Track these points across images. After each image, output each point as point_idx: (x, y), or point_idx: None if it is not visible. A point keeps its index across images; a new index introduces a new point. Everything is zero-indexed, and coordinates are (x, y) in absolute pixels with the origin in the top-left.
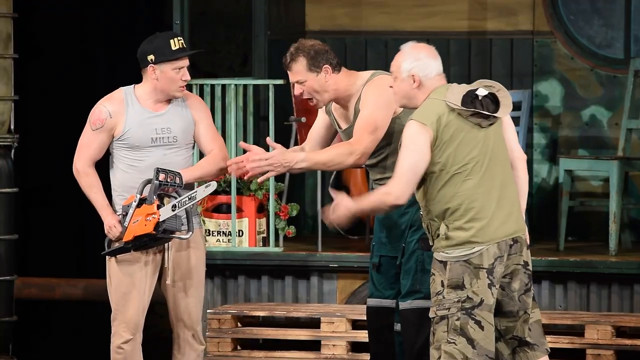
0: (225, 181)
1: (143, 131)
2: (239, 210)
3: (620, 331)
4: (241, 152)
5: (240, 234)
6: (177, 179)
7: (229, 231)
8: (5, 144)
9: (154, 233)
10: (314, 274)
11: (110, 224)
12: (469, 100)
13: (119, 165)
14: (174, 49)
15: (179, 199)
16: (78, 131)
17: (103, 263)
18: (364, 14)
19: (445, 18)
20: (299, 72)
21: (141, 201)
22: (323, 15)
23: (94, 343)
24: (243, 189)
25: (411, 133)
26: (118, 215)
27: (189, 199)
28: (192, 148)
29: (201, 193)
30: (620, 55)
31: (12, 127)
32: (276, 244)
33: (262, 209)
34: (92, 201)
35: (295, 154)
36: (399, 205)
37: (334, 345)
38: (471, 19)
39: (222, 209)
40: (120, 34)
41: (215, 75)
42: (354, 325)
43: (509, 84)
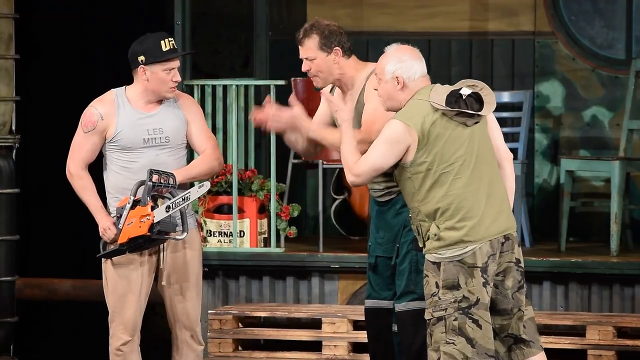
0: (226, 182)
1: (135, 132)
2: (240, 210)
3: (621, 332)
4: (243, 153)
5: (242, 235)
6: (171, 179)
7: (230, 232)
8: (6, 144)
9: (149, 234)
10: (315, 274)
11: (105, 226)
12: (453, 99)
13: (112, 167)
14: (165, 49)
15: (173, 199)
16: None
17: (101, 264)
18: (365, 14)
19: (447, 19)
20: (310, 49)
21: (135, 203)
22: (324, 15)
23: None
24: (244, 190)
25: (392, 131)
26: (112, 217)
27: (183, 199)
28: (186, 148)
29: (195, 193)
30: (621, 56)
31: (14, 128)
32: (277, 245)
33: (264, 210)
34: (86, 204)
35: (308, 124)
36: (350, 181)
37: (335, 345)
38: (472, 20)
39: (224, 209)
40: (121, 34)
41: (216, 75)
42: (355, 325)
43: (510, 84)
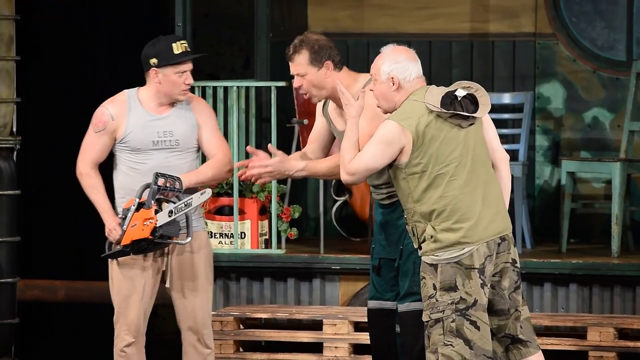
0: (227, 183)
1: (144, 134)
2: (241, 212)
3: (622, 333)
4: (244, 154)
5: (243, 236)
6: (177, 183)
7: (231, 233)
8: (7, 146)
9: (151, 238)
10: (316, 276)
11: (110, 227)
12: (448, 101)
13: (121, 168)
14: (177, 52)
15: (175, 204)
16: (80, 133)
17: (105, 265)
18: (366, 16)
19: (448, 20)
20: (300, 65)
21: (140, 205)
22: (325, 17)
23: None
24: (245, 191)
25: (387, 131)
26: (119, 217)
27: (185, 205)
28: (197, 152)
29: (196, 200)
30: (622, 58)
31: (15, 129)
32: (278, 246)
33: (265, 211)
34: (94, 203)
35: (295, 163)
36: (343, 178)
37: (336, 347)
38: (473, 21)
39: (225, 211)
40: (122, 36)
41: (217, 77)
42: (356, 327)
43: (511, 86)
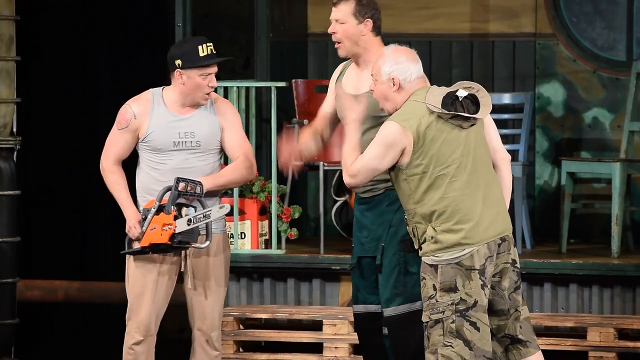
0: None
1: (166, 134)
2: (241, 212)
3: (622, 333)
4: None
5: (243, 237)
6: (198, 188)
7: (231, 233)
8: (7, 146)
9: (169, 243)
10: (316, 276)
11: (131, 224)
12: (449, 101)
13: (143, 167)
14: (202, 55)
15: (194, 214)
16: (80, 133)
17: (105, 265)
18: None
19: (448, 20)
20: (343, 12)
21: (160, 208)
22: (325, 17)
23: (96, 345)
24: (245, 192)
25: (388, 133)
26: (140, 215)
27: (204, 216)
28: (219, 153)
29: (215, 213)
30: (622, 58)
31: (15, 130)
32: (278, 247)
33: (265, 212)
34: (116, 199)
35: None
36: (346, 182)
37: (336, 347)
38: (474, 21)
39: None
40: (122, 36)
41: (217, 77)
42: None
43: (511, 86)
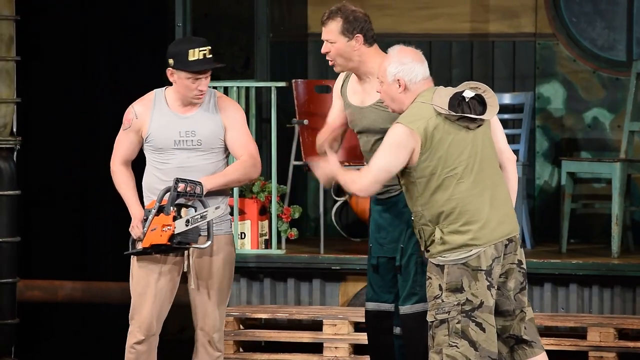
0: None
1: (167, 133)
2: (242, 212)
3: (622, 333)
4: None
5: (243, 237)
6: (198, 188)
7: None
8: (7, 146)
9: (169, 244)
10: (316, 276)
11: (133, 224)
12: (456, 103)
13: (148, 167)
14: (191, 59)
15: (193, 214)
16: (80, 133)
17: (106, 265)
18: None
19: (448, 20)
20: (331, 32)
21: (160, 208)
22: None
23: (96, 345)
24: (245, 192)
25: (396, 135)
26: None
27: (201, 217)
28: (224, 152)
29: (211, 214)
30: (622, 58)
31: (15, 130)
32: (278, 247)
33: (265, 212)
34: (123, 198)
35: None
36: (359, 196)
37: (336, 347)
38: (474, 22)
39: None
40: (122, 36)
41: (217, 77)
42: (356, 327)
43: (511, 86)
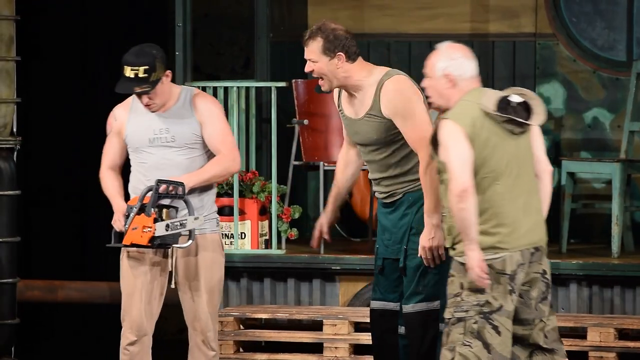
0: (227, 183)
1: (142, 132)
2: (242, 212)
3: (622, 333)
4: (243, 154)
5: (243, 237)
6: (180, 189)
7: (231, 233)
8: (7, 146)
9: (149, 245)
10: (316, 276)
11: (115, 217)
12: (503, 106)
13: (132, 168)
14: (122, 73)
15: (172, 220)
16: (80, 133)
17: (106, 265)
18: (366, 16)
19: (448, 20)
20: (313, 52)
21: (142, 207)
22: (325, 17)
23: (96, 345)
24: (245, 192)
25: (449, 131)
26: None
27: (180, 224)
28: (203, 148)
29: (190, 224)
30: (622, 58)
31: (15, 130)
32: (278, 247)
33: (265, 212)
34: (107, 196)
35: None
36: (466, 197)
37: (336, 347)
38: (474, 22)
39: (225, 211)
40: (122, 36)
41: (217, 77)
42: (357, 327)
43: (511, 86)
